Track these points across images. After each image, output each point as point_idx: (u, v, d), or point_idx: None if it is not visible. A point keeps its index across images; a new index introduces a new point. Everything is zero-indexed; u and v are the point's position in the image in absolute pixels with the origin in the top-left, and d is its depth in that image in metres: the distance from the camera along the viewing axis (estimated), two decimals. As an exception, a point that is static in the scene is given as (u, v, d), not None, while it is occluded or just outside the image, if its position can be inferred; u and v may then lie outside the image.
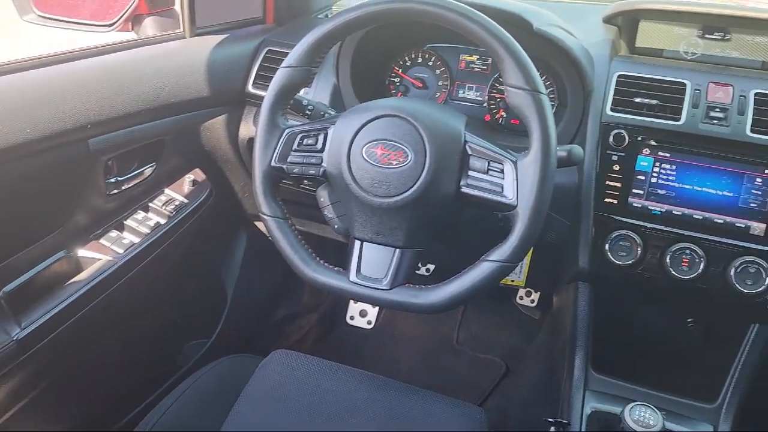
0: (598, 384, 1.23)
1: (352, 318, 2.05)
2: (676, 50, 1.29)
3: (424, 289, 0.91)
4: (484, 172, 0.89)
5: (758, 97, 1.07)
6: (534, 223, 0.85)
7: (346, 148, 0.92)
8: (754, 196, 1.06)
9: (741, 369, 1.16)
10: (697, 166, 1.08)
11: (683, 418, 1.18)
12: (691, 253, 1.09)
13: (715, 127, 1.07)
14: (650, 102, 1.11)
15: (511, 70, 0.87)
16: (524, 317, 1.99)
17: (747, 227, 1.06)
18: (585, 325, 1.23)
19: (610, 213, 1.13)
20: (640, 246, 1.11)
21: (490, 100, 1.34)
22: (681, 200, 1.09)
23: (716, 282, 1.08)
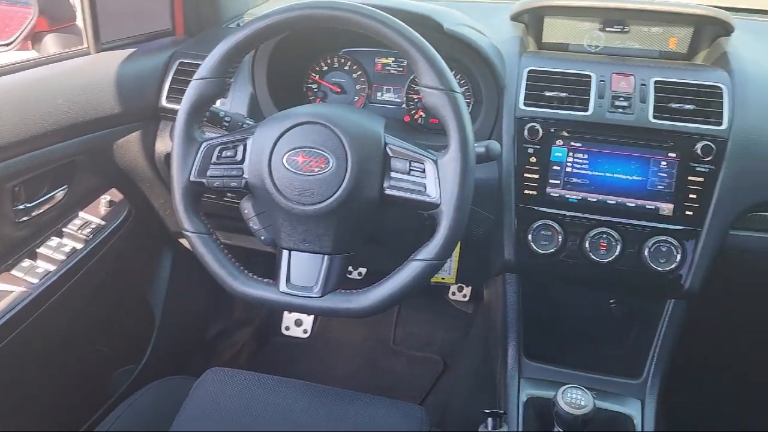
0: (531, 371, 1.27)
1: (288, 328, 2.03)
2: (580, 44, 1.35)
3: (355, 293, 0.91)
4: (406, 173, 0.90)
5: (657, 84, 1.13)
6: (458, 219, 0.87)
7: (267, 158, 0.91)
8: (661, 178, 1.11)
9: (662, 343, 1.21)
10: (607, 153, 1.13)
11: (613, 395, 1.23)
12: (607, 237, 1.14)
13: (620, 115, 1.12)
14: (560, 95, 1.15)
15: (425, 71, 0.88)
16: (458, 312, 2.02)
17: (657, 209, 1.12)
18: (515, 315, 1.27)
19: (530, 204, 1.16)
20: (560, 234, 1.15)
21: (409, 101, 1.35)
22: (595, 187, 1.14)
23: (632, 262, 1.13)
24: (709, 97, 1.12)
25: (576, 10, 1.31)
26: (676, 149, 1.10)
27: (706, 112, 1.11)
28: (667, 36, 1.31)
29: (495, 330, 1.35)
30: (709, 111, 1.11)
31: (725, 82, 1.13)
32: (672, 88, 1.13)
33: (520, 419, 1.19)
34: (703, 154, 1.09)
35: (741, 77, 1.14)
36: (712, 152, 1.08)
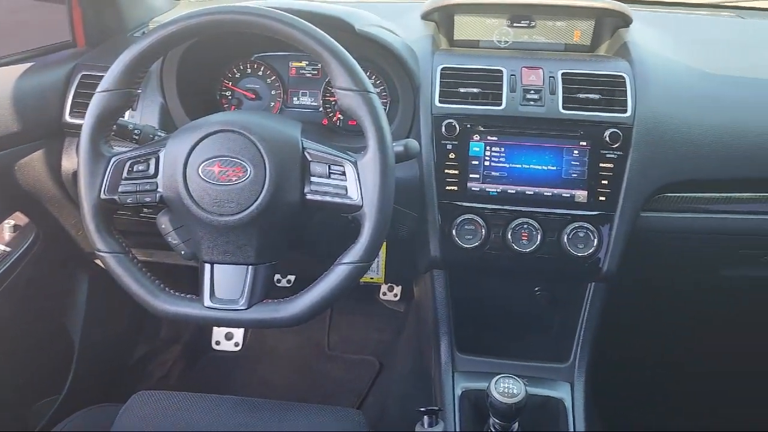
0: (465, 364, 1.28)
1: (218, 343, 1.98)
2: (490, 40, 1.38)
3: (283, 302, 0.90)
4: (326, 177, 0.90)
5: (565, 76, 1.17)
6: (381, 220, 0.87)
7: (181, 170, 0.88)
8: (574, 167, 1.15)
9: (586, 326, 1.26)
10: (523, 145, 1.16)
11: (544, 380, 1.26)
12: (528, 227, 1.16)
13: (532, 108, 1.16)
14: (473, 91, 1.17)
15: (338, 73, 0.87)
16: (390, 312, 2.03)
17: (572, 196, 1.16)
18: (445, 311, 1.28)
19: (452, 200, 1.18)
20: (483, 227, 1.17)
21: (326, 104, 1.34)
22: (513, 179, 1.16)
23: (553, 250, 1.17)
24: (613, 86, 1.16)
25: (484, 7, 1.33)
26: (586, 138, 1.14)
27: (611, 100, 1.15)
28: (571, 29, 1.36)
29: (427, 327, 1.36)
30: (613, 99, 1.15)
31: (627, 72, 1.18)
32: (578, 79, 1.17)
33: (456, 414, 1.21)
34: (611, 141, 1.13)
35: (641, 66, 1.19)
36: (620, 139, 1.13)
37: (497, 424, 1.07)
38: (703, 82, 1.24)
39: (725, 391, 1.82)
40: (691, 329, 1.85)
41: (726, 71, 1.28)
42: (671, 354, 1.86)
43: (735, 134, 1.16)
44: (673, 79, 1.22)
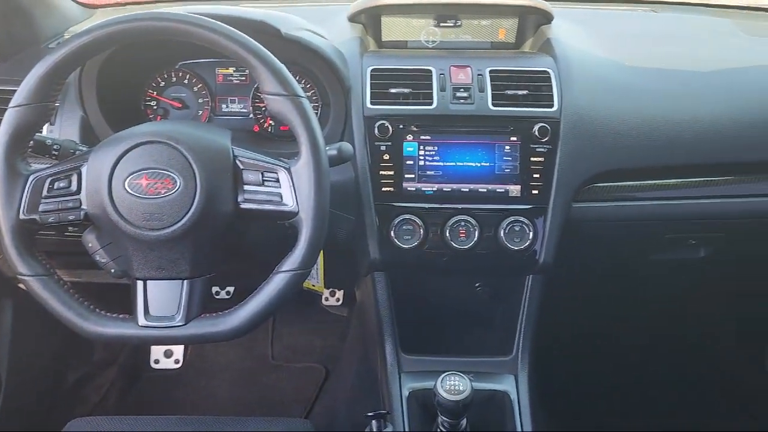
0: (411, 365, 1.28)
1: (157, 362, 1.91)
2: (418, 40, 1.39)
3: (221, 315, 0.87)
4: (259, 184, 0.88)
5: (493, 73, 1.19)
6: (318, 225, 0.86)
7: (106, 185, 0.84)
8: (507, 162, 1.17)
9: (526, 318, 1.28)
10: (456, 143, 1.17)
11: (489, 375, 1.27)
12: (466, 223, 1.18)
13: (462, 105, 1.17)
14: (404, 91, 1.18)
15: (266, 78, 0.86)
16: (333, 317, 2.01)
17: (506, 191, 1.17)
18: (388, 313, 1.28)
19: (389, 201, 1.18)
20: (421, 227, 1.18)
21: (256, 111, 1.32)
22: (448, 177, 1.17)
23: (490, 245, 1.18)
24: (539, 81, 1.19)
25: (409, 7, 1.34)
26: (516, 133, 1.17)
27: (538, 96, 1.18)
28: (496, 27, 1.38)
29: (371, 330, 1.35)
30: (540, 95, 1.18)
31: (551, 67, 1.21)
32: (506, 76, 1.19)
33: (404, 415, 1.20)
34: (540, 136, 1.16)
35: (565, 61, 1.23)
36: (548, 133, 1.16)
37: (446, 423, 1.08)
38: (623, 74, 1.28)
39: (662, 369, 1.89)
40: (625, 314, 1.91)
41: (644, 63, 1.33)
42: (609, 339, 1.93)
43: (655, 124, 1.21)
44: (595, 72, 1.26)
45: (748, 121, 1.23)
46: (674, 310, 1.94)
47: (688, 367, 1.90)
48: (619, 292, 1.81)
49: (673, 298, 1.88)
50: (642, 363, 1.91)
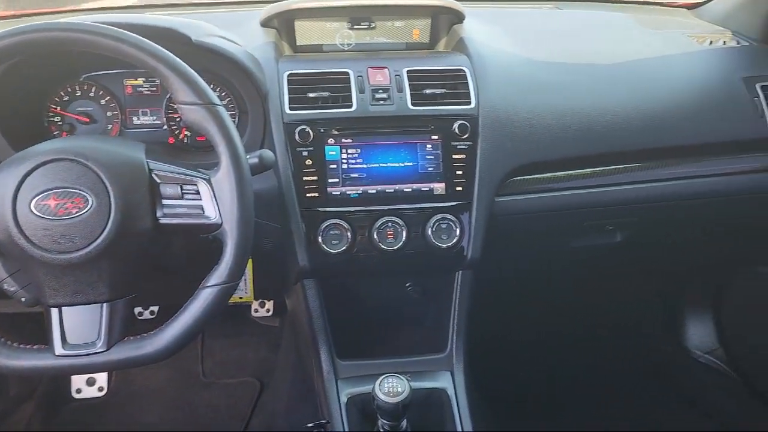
0: (347, 370, 1.27)
1: (79, 391, 1.81)
2: (333, 44, 1.38)
3: (146, 337, 0.83)
4: (179, 198, 0.85)
5: (410, 74, 1.20)
6: (244, 236, 0.84)
7: (10, 208, 0.79)
8: (429, 161, 1.18)
9: (458, 313, 1.29)
10: (378, 145, 1.17)
11: (426, 373, 1.28)
12: (393, 224, 1.18)
13: (382, 107, 1.17)
14: (323, 95, 1.17)
15: (179, 87, 0.83)
16: (265, 328, 1.98)
17: (431, 190, 1.18)
18: (321, 320, 1.26)
19: (314, 207, 1.16)
20: (349, 230, 1.17)
21: (170, 122, 1.27)
22: (372, 179, 1.17)
23: (419, 244, 1.19)
24: (456, 80, 1.21)
25: (322, 11, 1.33)
26: (437, 132, 1.18)
27: (456, 94, 1.20)
28: (410, 28, 1.39)
29: (304, 338, 1.33)
30: (457, 93, 1.20)
31: (466, 65, 1.23)
32: (423, 75, 1.20)
33: (344, 422, 1.19)
34: (460, 133, 1.17)
35: (479, 59, 1.25)
36: (468, 130, 1.18)
37: (386, 425, 1.07)
38: (534, 70, 1.32)
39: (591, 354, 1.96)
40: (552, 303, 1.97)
41: (553, 59, 1.37)
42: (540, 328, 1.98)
43: (567, 116, 1.25)
44: (508, 69, 1.29)
45: (651, 109, 1.29)
46: (597, 295, 2.02)
47: (615, 351, 1.99)
48: (544, 282, 1.87)
49: (595, 283, 1.96)
50: (571, 348, 1.98)
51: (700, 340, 1.92)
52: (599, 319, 2.04)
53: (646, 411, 1.77)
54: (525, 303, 1.92)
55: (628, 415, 1.76)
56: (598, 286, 1.98)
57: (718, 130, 1.31)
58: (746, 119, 1.32)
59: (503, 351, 1.87)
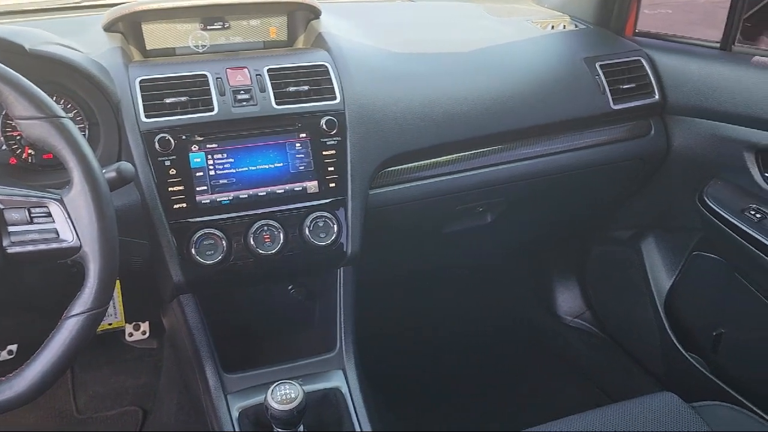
0: (236, 383, 1.22)
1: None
2: (187, 46, 1.32)
3: (6, 380, 0.75)
4: (27, 223, 0.77)
5: (271, 72, 1.17)
6: (108, 257, 0.77)
7: None
8: (300, 159, 1.16)
9: (344, 310, 1.29)
10: (245, 147, 1.13)
11: (318, 375, 1.26)
12: (269, 228, 1.14)
13: (245, 108, 1.13)
14: (180, 100, 1.11)
15: (15, 101, 0.75)
16: (142, 352, 1.86)
17: (304, 188, 1.16)
18: (202, 335, 1.20)
19: (183, 217, 1.10)
20: (223, 239, 1.12)
21: (9, 140, 1.15)
22: (243, 183, 1.13)
23: (298, 245, 1.16)
24: (318, 76, 1.20)
25: (170, 12, 1.26)
26: (304, 130, 1.16)
27: (320, 90, 1.18)
28: (266, 26, 1.36)
29: (187, 357, 1.26)
30: (322, 89, 1.19)
31: (328, 61, 1.22)
32: (285, 73, 1.18)
33: None
34: (328, 129, 1.16)
35: (339, 54, 1.25)
36: (335, 126, 1.17)
37: (282, 433, 1.04)
38: (394, 62, 1.34)
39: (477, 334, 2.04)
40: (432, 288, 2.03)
41: (411, 50, 1.40)
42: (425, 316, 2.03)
43: (430, 106, 1.28)
44: (369, 62, 1.30)
45: (507, 93, 1.35)
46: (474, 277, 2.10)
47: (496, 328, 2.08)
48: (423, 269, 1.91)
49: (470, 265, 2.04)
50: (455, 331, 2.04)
51: (569, 306, 2.05)
52: (478, 300, 2.12)
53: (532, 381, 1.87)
54: (408, 292, 1.96)
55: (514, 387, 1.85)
56: (473, 267, 2.06)
57: (568, 109, 1.40)
58: (591, 96, 1.42)
59: (392, 341, 1.89)
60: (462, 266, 2.02)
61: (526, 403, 1.75)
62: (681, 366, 1.59)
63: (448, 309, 2.07)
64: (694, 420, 1.01)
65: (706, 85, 1.37)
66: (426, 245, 1.66)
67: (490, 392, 1.82)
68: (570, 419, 1.01)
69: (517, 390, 1.83)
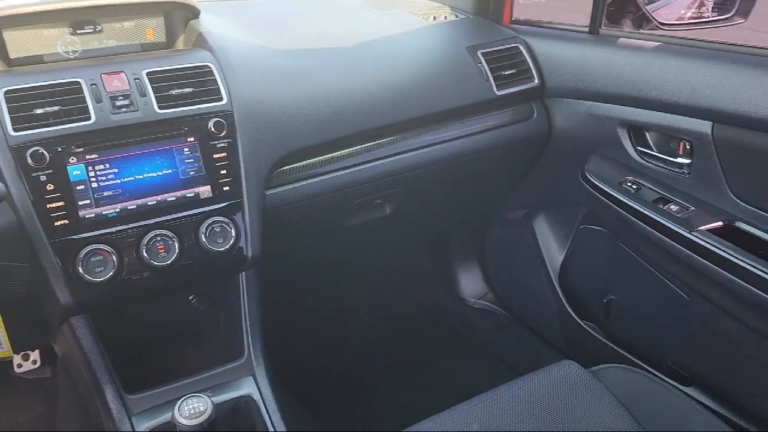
0: (141, 404, 1.17)
1: None
2: (56, 53, 1.23)
3: None
4: None
5: (151, 76, 1.12)
6: None
7: None
8: (190, 165, 1.12)
9: (250, 315, 1.26)
10: (129, 156, 1.08)
11: (228, 384, 1.23)
12: (162, 238, 1.10)
13: (125, 114, 1.07)
14: (53, 110, 1.03)
15: None
16: (35, 383, 1.73)
17: (196, 194, 1.12)
18: (98, 357, 1.14)
19: (67, 235, 1.03)
20: (113, 254, 1.06)
21: None
22: (130, 194, 1.08)
23: (195, 253, 1.12)
24: (202, 77, 1.16)
25: (29, 17, 1.16)
26: (192, 133, 1.12)
27: (205, 91, 1.15)
28: (142, 28, 1.30)
29: (84, 382, 1.19)
30: (207, 90, 1.15)
31: (211, 61, 1.18)
32: (166, 76, 1.13)
33: None
34: (217, 131, 1.13)
35: (222, 53, 1.21)
36: (224, 127, 1.14)
37: (194, 449, 1.01)
38: (280, 59, 1.32)
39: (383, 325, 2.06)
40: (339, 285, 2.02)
41: (296, 45, 1.39)
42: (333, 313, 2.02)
43: (319, 101, 1.27)
44: (255, 60, 1.27)
45: (395, 85, 1.37)
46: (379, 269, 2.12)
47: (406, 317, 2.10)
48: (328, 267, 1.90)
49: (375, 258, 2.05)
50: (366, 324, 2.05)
51: (472, 289, 2.11)
52: (385, 291, 2.14)
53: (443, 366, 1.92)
54: (314, 290, 1.95)
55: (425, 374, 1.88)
56: (378, 259, 2.08)
57: (455, 97, 1.44)
58: (475, 84, 1.46)
59: (303, 341, 1.87)
60: (366, 259, 2.03)
61: (438, 387, 1.78)
62: (578, 334, 1.68)
63: (356, 302, 2.08)
64: (593, 384, 1.07)
65: (579, 68, 1.45)
66: (328, 241, 1.65)
67: (402, 381, 1.85)
68: (478, 399, 1.05)
69: (428, 376, 1.87)
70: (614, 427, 1.00)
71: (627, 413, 1.02)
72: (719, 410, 1.30)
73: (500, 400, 1.04)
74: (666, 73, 1.26)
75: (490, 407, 1.03)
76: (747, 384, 1.22)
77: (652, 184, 1.33)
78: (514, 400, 1.04)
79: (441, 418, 1.01)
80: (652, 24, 1.39)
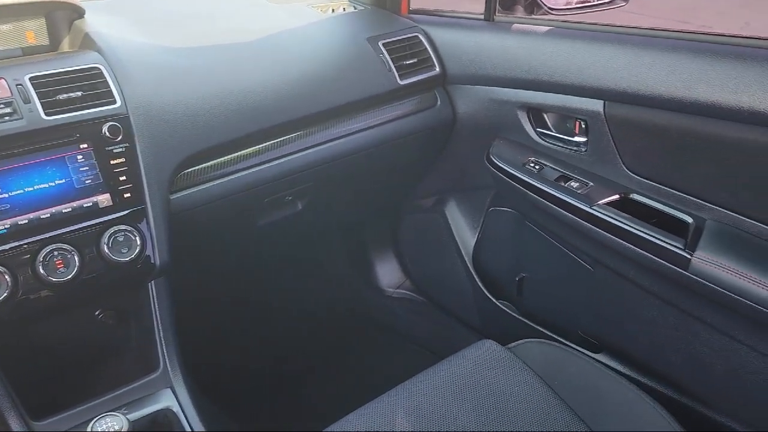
0: (49, 428, 1.10)
1: None
2: (-77, 61, 1.13)
3: None
4: None
5: (35, 81, 1.05)
6: None
7: None
8: (85, 173, 1.06)
9: (163, 325, 1.21)
10: (16, 167, 1.01)
11: (144, 399, 1.18)
12: (60, 252, 1.03)
13: (9, 123, 1.00)
14: None
15: None
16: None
17: (95, 203, 1.07)
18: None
19: (-49, 257, 0.96)
20: (6, 273, 0.99)
21: None
22: (20, 208, 1.01)
23: (98, 266, 1.07)
24: (92, 80, 1.10)
25: None
26: (85, 140, 1.06)
27: (96, 94, 1.09)
28: (22, 31, 1.22)
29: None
30: (98, 93, 1.09)
31: (100, 62, 1.12)
32: (52, 80, 1.06)
33: None
34: (112, 136, 1.08)
35: (112, 54, 1.16)
36: (120, 132, 1.08)
37: (113, 470, 0.96)
38: (176, 57, 1.28)
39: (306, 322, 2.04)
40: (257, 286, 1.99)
41: (191, 43, 1.34)
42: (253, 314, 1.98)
43: (222, 99, 1.23)
44: (149, 60, 1.22)
45: (297, 79, 1.35)
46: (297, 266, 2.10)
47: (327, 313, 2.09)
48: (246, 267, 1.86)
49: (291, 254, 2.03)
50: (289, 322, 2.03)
51: (389, 278, 2.13)
52: (305, 287, 2.12)
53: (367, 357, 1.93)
54: (232, 291, 1.90)
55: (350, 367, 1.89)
56: (293, 256, 2.05)
57: (358, 88, 1.43)
58: (378, 75, 1.47)
59: (224, 345, 1.83)
60: (282, 256, 2.01)
61: (362, 379, 1.79)
62: (494, 313, 1.73)
63: (276, 300, 2.05)
64: (511, 360, 1.10)
65: (478, 55, 1.49)
66: (243, 242, 1.62)
67: (326, 376, 1.84)
68: (401, 387, 1.06)
69: (351, 368, 1.87)
70: (533, 399, 1.04)
71: (544, 385, 1.06)
72: (627, 372, 1.38)
73: (423, 386, 1.06)
74: (557, 56, 1.31)
75: (413, 394, 1.04)
76: (650, 345, 1.30)
77: (553, 163, 1.38)
78: (437, 384, 1.06)
79: (366, 410, 1.02)
80: (542, 9, 1.45)
